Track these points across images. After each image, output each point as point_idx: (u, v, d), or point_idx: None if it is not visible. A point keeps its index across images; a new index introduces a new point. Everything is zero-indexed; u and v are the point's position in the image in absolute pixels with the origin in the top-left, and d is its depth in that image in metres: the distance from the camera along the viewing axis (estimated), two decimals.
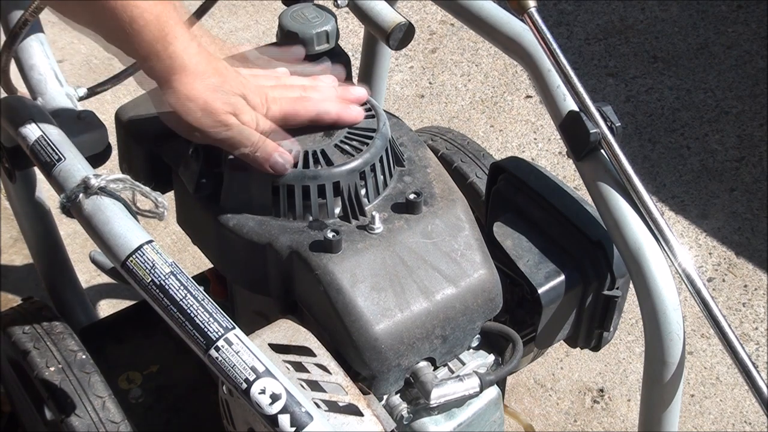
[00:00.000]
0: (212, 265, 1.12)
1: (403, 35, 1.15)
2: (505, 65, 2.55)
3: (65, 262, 1.43)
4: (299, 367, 0.87)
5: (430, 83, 2.50)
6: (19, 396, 1.26)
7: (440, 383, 0.93)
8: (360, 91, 1.02)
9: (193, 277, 0.80)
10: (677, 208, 2.17)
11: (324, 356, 0.88)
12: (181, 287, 0.78)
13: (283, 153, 0.93)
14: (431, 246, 0.94)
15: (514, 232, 1.05)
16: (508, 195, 1.10)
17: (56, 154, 0.88)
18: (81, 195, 0.83)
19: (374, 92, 1.48)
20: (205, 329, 0.76)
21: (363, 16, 1.17)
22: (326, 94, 0.99)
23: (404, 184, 1.00)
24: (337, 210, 0.96)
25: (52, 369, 1.11)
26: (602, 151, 1.00)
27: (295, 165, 0.94)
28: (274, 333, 0.90)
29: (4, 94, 1.03)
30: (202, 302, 0.77)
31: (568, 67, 1.00)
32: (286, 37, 1.10)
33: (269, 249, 0.93)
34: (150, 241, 0.80)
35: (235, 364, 0.75)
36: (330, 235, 0.91)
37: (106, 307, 1.88)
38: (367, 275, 0.90)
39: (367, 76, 1.47)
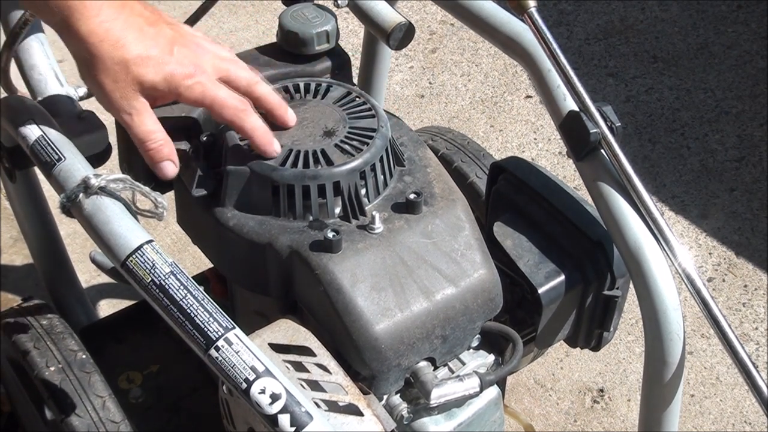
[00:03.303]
0: (212, 265, 1.12)
1: (403, 35, 1.15)
2: (505, 65, 2.55)
3: (65, 262, 1.43)
4: (299, 367, 0.87)
5: (430, 83, 2.50)
6: (19, 396, 1.26)
7: (440, 383, 0.93)
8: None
9: (193, 277, 0.80)
10: (677, 208, 2.17)
11: (324, 356, 0.88)
12: (181, 287, 0.78)
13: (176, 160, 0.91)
14: (431, 246, 0.94)
15: (514, 232, 1.05)
16: (508, 195, 1.10)
17: (56, 153, 0.88)
18: (81, 195, 0.83)
19: (374, 92, 1.48)
20: (205, 329, 0.76)
21: (363, 16, 1.18)
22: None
23: (404, 183, 1.00)
24: (337, 210, 0.96)
25: (52, 369, 1.11)
26: (602, 151, 1.00)
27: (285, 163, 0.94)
28: (274, 333, 0.90)
29: (4, 94, 1.03)
30: (202, 302, 0.77)
31: (568, 67, 1.00)
32: (286, 36, 1.10)
33: (269, 249, 0.93)
34: (150, 241, 0.80)
35: (235, 364, 0.75)
36: (330, 234, 0.91)
37: (106, 307, 1.88)
38: (367, 275, 0.90)
39: (367, 76, 1.47)
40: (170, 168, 0.90)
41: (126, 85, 0.86)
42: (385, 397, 0.94)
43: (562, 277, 1.02)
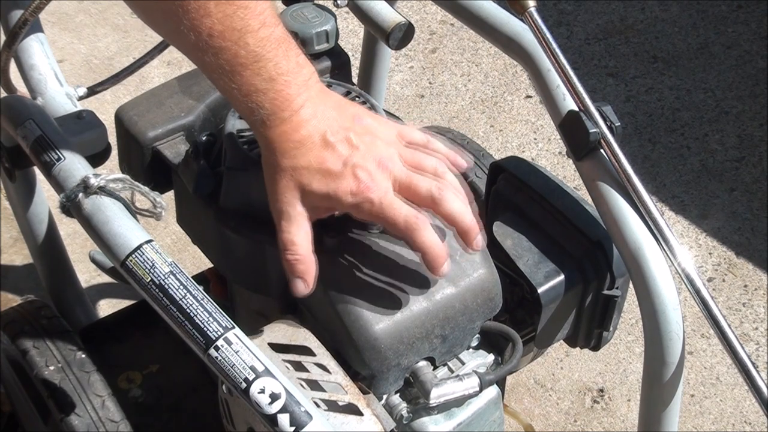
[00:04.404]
0: (212, 265, 1.12)
1: (403, 35, 1.15)
2: (505, 65, 2.55)
3: (65, 262, 1.43)
4: (299, 367, 0.87)
5: (430, 83, 2.50)
6: (19, 396, 1.26)
7: (440, 383, 0.93)
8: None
9: (193, 277, 0.80)
10: (677, 208, 2.17)
11: (324, 356, 0.88)
12: (181, 287, 0.78)
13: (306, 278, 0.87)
14: None
15: (514, 232, 1.05)
16: (508, 195, 1.10)
17: (56, 153, 0.88)
18: (81, 195, 0.83)
19: (374, 92, 1.48)
20: (205, 329, 0.76)
21: (363, 16, 1.18)
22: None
23: None
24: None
25: (51, 368, 1.11)
26: (602, 151, 1.00)
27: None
28: (274, 332, 0.90)
29: (4, 94, 1.03)
30: (201, 302, 0.77)
31: (568, 67, 1.00)
32: None
33: (269, 248, 0.93)
34: (149, 241, 0.80)
35: (234, 364, 0.75)
36: (330, 235, 0.91)
37: (106, 307, 1.88)
38: (367, 275, 0.90)
39: (367, 76, 1.47)
40: (300, 286, 0.86)
41: (289, 190, 0.84)
42: (385, 396, 0.94)
43: (562, 277, 1.02)
